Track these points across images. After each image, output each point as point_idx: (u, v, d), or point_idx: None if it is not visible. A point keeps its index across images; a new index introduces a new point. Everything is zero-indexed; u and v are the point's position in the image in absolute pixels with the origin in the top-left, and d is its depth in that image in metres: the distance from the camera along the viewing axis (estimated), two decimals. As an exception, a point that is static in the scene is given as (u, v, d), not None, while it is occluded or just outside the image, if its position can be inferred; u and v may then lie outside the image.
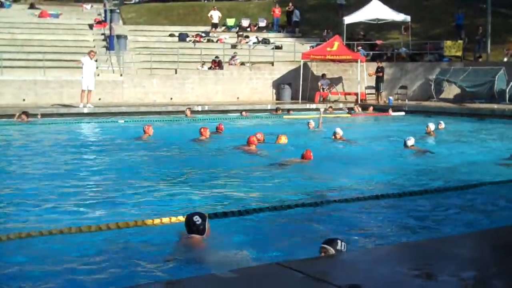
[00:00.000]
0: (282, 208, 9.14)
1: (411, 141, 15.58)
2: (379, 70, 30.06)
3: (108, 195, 10.26)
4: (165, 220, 8.20)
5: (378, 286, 4.00)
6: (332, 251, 5.95)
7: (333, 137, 17.07)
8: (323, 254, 5.93)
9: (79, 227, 7.84)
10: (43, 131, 20.06)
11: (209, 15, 37.03)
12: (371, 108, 27.49)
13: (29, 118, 21.42)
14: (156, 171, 12.67)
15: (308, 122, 20.18)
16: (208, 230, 7.05)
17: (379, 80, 30.16)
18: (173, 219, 8.19)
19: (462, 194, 10.58)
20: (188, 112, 23.83)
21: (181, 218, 8.09)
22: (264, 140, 16.09)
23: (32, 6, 38.36)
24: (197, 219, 7.00)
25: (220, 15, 37.05)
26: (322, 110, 22.65)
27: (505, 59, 30.32)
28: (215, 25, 36.78)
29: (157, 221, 8.20)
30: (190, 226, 7.01)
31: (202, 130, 16.91)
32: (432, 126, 18.81)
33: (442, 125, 20.28)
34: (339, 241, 6.12)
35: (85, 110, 24.21)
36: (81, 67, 24.59)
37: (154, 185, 11.17)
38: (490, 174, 12.53)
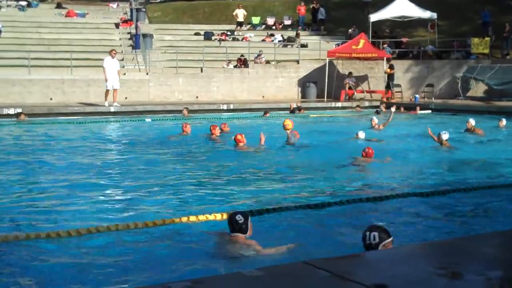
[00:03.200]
0: (311, 207, 9.15)
1: (446, 135, 15.51)
2: (391, 67, 29.95)
3: (146, 193, 10.32)
4: (207, 217, 8.31)
5: (404, 285, 3.98)
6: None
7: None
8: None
9: (126, 223, 7.96)
10: (69, 130, 20.27)
11: (234, 13, 37.11)
12: (402, 108, 27.05)
13: (27, 118, 21.51)
14: (192, 169, 12.79)
15: (372, 119, 20.03)
16: (251, 229, 7.10)
17: (390, 77, 30.00)
18: (215, 216, 8.32)
19: (492, 193, 10.48)
20: (185, 112, 23.65)
21: (218, 216, 8.28)
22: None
23: (59, 6, 38.74)
24: (239, 217, 7.06)
25: (245, 13, 37.10)
26: (393, 108, 22.29)
27: (534, 56, 30.01)
28: (240, 24, 36.85)
29: (202, 217, 8.30)
30: (233, 225, 7.06)
31: (211, 128, 16.96)
32: (472, 122, 18.50)
33: (504, 122, 19.95)
34: (367, 233, 5.98)
35: (112, 109, 24.36)
36: (104, 67, 24.66)
37: (193, 183, 11.29)
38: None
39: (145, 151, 15.31)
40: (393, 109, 22.04)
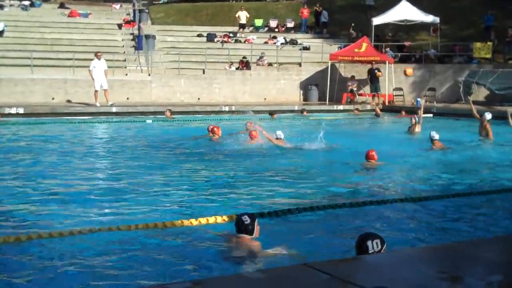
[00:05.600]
0: (314, 209, 9.17)
1: (436, 135, 15.75)
2: (376, 70, 30.00)
3: (149, 194, 10.35)
4: (211, 220, 8.33)
5: (405, 288, 3.97)
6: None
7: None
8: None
9: (129, 225, 7.99)
10: (68, 129, 20.30)
11: (236, 15, 37.15)
12: (404, 112, 27.09)
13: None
14: (193, 171, 12.83)
15: (411, 119, 20.19)
16: (257, 230, 7.12)
17: (376, 81, 30.03)
18: (219, 218, 8.35)
19: (495, 198, 10.48)
20: (168, 114, 23.61)
21: (226, 218, 8.32)
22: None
23: (62, 6, 38.78)
24: (245, 219, 7.09)
25: (248, 15, 37.13)
26: (422, 101, 22.15)
27: (536, 61, 29.98)
28: (242, 26, 36.88)
29: (203, 220, 8.31)
30: (239, 225, 7.10)
31: (215, 129, 16.95)
32: (488, 116, 18.48)
33: None
34: (368, 243, 5.79)
35: (114, 109, 24.43)
36: (90, 70, 24.98)
37: (197, 185, 11.32)
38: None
39: (147, 152, 15.32)
40: (422, 101, 22.04)
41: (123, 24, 34.59)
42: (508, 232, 8.21)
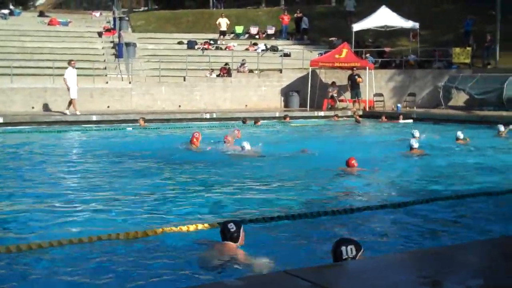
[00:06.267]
0: (295, 217, 9.16)
1: (416, 144, 15.90)
2: (357, 76, 30.15)
3: (129, 203, 10.29)
4: (192, 227, 8.29)
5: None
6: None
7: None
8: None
9: (109, 234, 7.94)
10: (49, 138, 20.17)
11: (217, 22, 37.12)
12: (384, 117, 27.26)
13: None
14: (171, 179, 12.77)
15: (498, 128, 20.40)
16: (243, 238, 7.09)
17: (356, 87, 30.16)
18: (200, 225, 8.33)
19: (475, 202, 10.52)
20: (141, 122, 23.47)
21: (207, 225, 8.30)
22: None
23: (41, 14, 38.60)
24: (231, 226, 7.07)
25: (228, 22, 37.14)
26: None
27: (514, 66, 30.20)
28: (223, 33, 36.87)
29: (184, 228, 8.28)
30: (225, 233, 7.07)
31: (194, 138, 16.87)
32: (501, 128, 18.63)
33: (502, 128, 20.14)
34: (343, 248, 5.77)
35: (94, 118, 24.29)
36: (65, 78, 24.85)
37: (177, 192, 11.29)
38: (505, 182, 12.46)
39: (128, 160, 15.22)
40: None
41: (103, 32, 34.46)
42: (488, 237, 8.24)
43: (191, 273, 6.75)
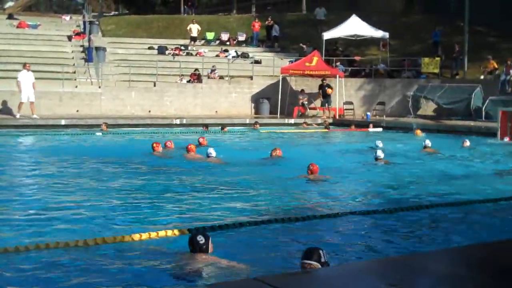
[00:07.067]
0: (264, 223, 9.17)
1: (382, 154, 16.12)
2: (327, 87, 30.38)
3: (99, 209, 10.16)
4: (161, 233, 8.26)
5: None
6: (317, 265, 5.84)
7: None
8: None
9: (76, 240, 7.83)
10: (17, 143, 19.97)
11: (188, 28, 37.07)
12: (353, 126, 27.41)
13: None
14: (139, 185, 12.65)
15: None
16: (211, 248, 7.08)
17: (328, 96, 30.38)
18: (169, 232, 8.28)
19: (440, 211, 10.62)
20: (104, 127, 23.31)
21: (176, 232, 8.25)
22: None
23: (10, 17, 38.25)
24: (200, 238, 7.03)
25: (199, 28, 37.06)
26: None
27: (482, 77, 30.61)
28: (194, 39, 36.80)
29: (153, 234, 8.23)
30: (194, 245, 7.03)
31: (154, 145, 16.80)
32: (428, 143, 18.81)
33: (467, 143, 20.35)
34: (321, 251, 5.97)
35: (63, 122, 24.10)
36: (18, 81, 24.79)
37: (142, 199, 11.21)
38: (470, 192, 12.59)
39: (96, 166, 15.08)
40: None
41: (73, 36, 34.22)
42: (455, 245, 8.33)
43: (158, 282, 6.70)
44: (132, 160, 15.84)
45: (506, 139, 22.41)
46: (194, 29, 36.73)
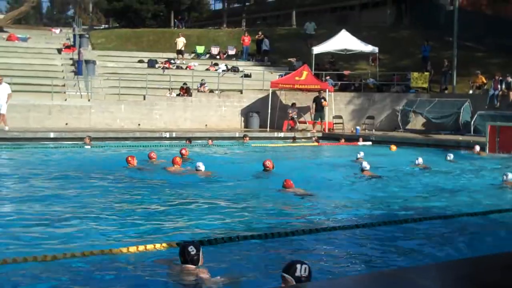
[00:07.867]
0: (248, 238, 9.13)
1: (367, 166, 16.29)
2: (323, 99, 30.45)
3: (89, 222, 10.12)
4: (149, 246, 8.22)
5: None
6: (290, 279, 5.80)
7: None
8: (283, 285, 5.78)
9: (64, 253, 7.79)
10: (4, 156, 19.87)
11: (175, 41, 37.00)
12: (343, 140, 27.43)
13: None
14: (127, 199, 12.63)
15: None
16: (202, 260, 7.05)
17: (322, 110, 30.45)
18: (158, 245, 8.25)
19: (429, 225, 10.62)
20: (87, 140, 23.06)
21: (165, 245, 8.23)
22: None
23: (0, 30, 38.14)
24: (192, 249, 6.98)
25: (185, 41, 36.55)
26: None
27: (471, 91, 30.80)
28: (180, 52, 36.61)
29: (141, 247, 8.18)
30: (185, 256, 6.98)
31: (129, 158, 16.65)
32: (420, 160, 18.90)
33: (451, 157, 20.43)
34: (298, 265, 5.79)
35: (51, 135, 23.97)
36: None
37: (130, 212, 11.18)
38: (458, 205, 12.63)
39: (84, 179, 14.99)
40: None
41: (63, 49, 34.22)
42: (443, 259, 8.34)
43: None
44: (116, 174, 15.75)
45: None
46: (180, 42, 36.45)
